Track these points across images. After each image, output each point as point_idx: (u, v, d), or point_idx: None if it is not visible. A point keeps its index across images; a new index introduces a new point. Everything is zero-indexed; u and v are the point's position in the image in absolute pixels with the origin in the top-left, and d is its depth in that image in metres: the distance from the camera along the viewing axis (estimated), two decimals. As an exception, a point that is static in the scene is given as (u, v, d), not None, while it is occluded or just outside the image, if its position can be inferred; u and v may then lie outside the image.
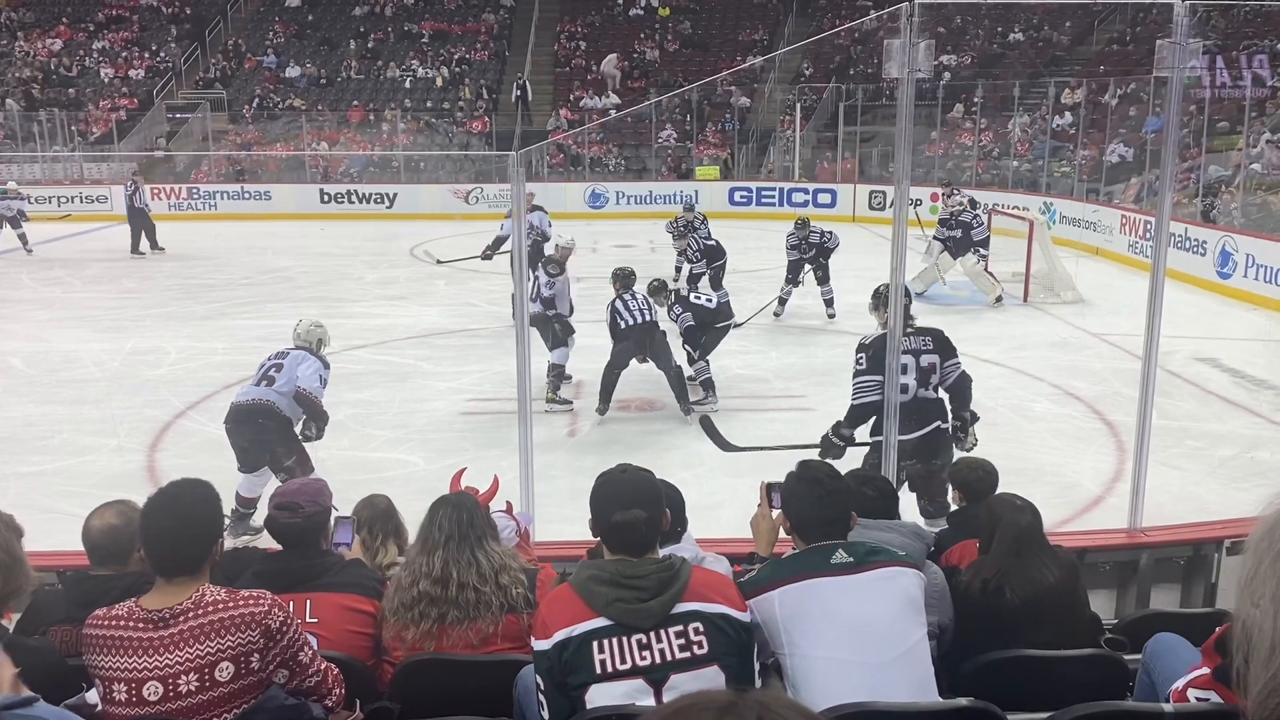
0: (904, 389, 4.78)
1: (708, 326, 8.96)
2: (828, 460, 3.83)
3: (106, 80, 27.23)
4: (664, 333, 8.58)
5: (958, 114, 23.47)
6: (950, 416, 5.15)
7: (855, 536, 2.57)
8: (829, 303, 12.09)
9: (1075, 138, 20.74)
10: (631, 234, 19.34)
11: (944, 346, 5.15)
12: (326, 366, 6.33)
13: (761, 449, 6.62)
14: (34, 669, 1.98)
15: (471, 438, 7.85)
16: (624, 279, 8.69)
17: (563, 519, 5.62)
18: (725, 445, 6.59)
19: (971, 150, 22.64)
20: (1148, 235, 15.61)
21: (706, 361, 8.80)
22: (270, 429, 6.06)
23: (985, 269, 12.95)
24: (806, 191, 22.98)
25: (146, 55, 28.14)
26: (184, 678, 2.11)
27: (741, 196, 23.30)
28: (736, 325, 9.52)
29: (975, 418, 5.28)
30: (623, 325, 8.39)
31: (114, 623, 2.17)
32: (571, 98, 26.64)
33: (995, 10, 26.50)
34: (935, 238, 13.24)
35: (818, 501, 2.52)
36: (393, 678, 2.66)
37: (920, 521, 4.59)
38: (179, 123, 26.39)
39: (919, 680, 2.35)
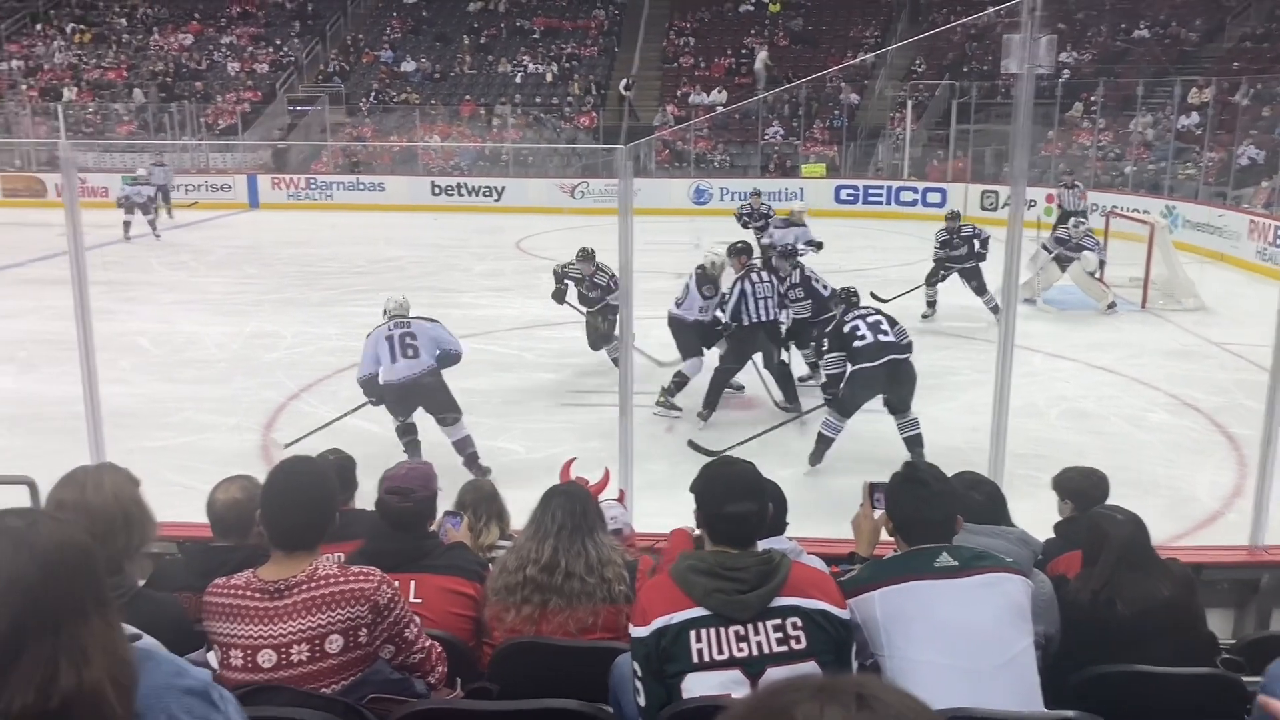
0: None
1: (808, 323, 8.70)
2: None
3: (233, 74, 28.34)
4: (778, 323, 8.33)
5: (1076, 113, 22.71)
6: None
7: (960, 541, 2.52)
8: (995, 310, 10.73)
9: (1202, 139, 19.87)
10: (736, 231, 19.24)
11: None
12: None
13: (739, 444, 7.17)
14: (159, 623, 2.08)
15: (572, 429, 7.94)
16: (745, 251, 8.38)
17: (661, 513, 5.65)
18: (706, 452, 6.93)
19: (1090, 150, 21.90)
20: (1278, 241, 14.86)
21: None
22: (436, 388, 6.96)
23: (1098, 276, 12.48)
24: (915, 190, 22.54)
25: (270, 50, 29.18)
26: (296, 647, 2.20)
27: (848, 195, 22.98)
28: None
29: None
30: (747, 320, 7.97)
31: (233, 591, 2.26)
32: (679, 94, 26.66)
33: (1120, 5, 25.54)
34: (1044, 247, 12.76)
35: (922, 503, 2.48)
36: (491, 658, 2.72)
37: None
38: (299, 115, 27.30)
39: (1023, 690, 2.29)
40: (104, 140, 25.43)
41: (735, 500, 2.29)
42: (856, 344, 6.97)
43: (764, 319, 8.09)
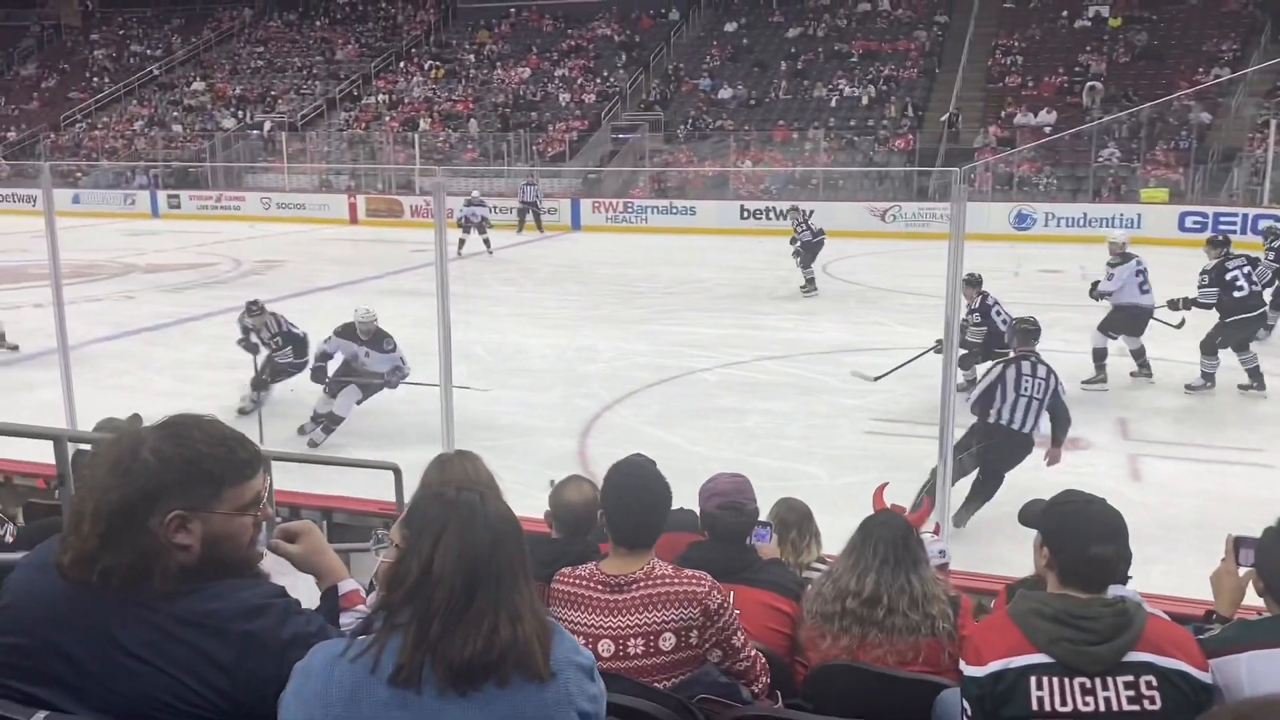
0: None
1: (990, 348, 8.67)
2: None
3: (563, 104, 30.34)
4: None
5: None
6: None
7: (1347, 609, 2.23)
8: None
9: None
10: (1060, 258, 18.10)
11: None
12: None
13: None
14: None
15: (877, 457, 7.78)
16: (1027, 334, 6.63)
17: (973, 556, 5.40)
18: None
19: None
20: None
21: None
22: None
23: None
24: (1276, 218, 20.13)
25: (598, 81, 30.96)
26: (632, 641, 2.32)
27: (1194, 222, 20.91)
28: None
29: None
30: (994, 419, 6.37)
31: (578, 582, 2.42)
32: (1003, 114, 25.49)
33: None
34: None
35: (1302, 563, 2.22)
36: (808, 676, 2.71)
37: None
38: (621, 143, 28.75)
39: None
40: (451, 166, 28.06)
41: (1100, 541, 2.15)
42: (1236, 294, 8.98)
43: (1017, 426, 6.27)
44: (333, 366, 8.62)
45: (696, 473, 3.33)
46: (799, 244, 14.95)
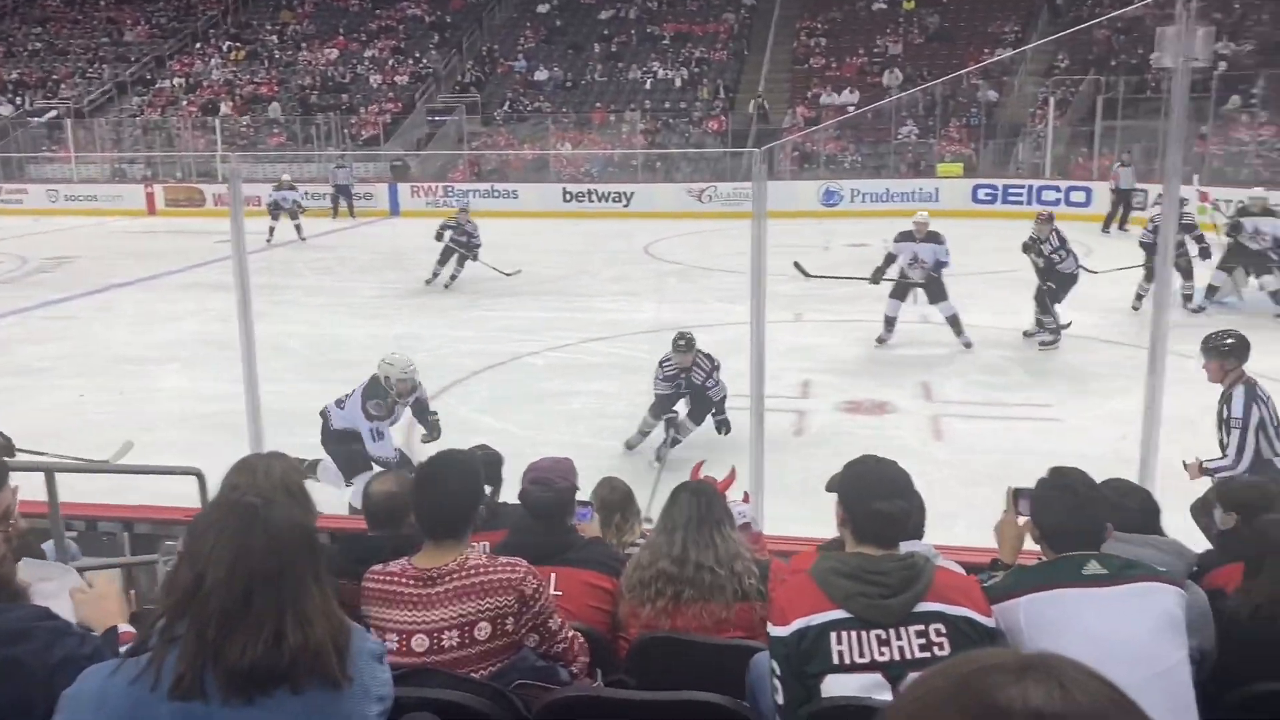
0: None
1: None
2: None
3: (375, 86, 29.47)
4: None
5: (1234, 106, 21.51)
6: None
7: (1110, 550, 2.45)
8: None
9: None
10: (866, 232, 18.96)
11: None
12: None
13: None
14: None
15: (701, 433, 7.97)
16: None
17: (791, 518, 5.63)
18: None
19: (1249, 146, 20.70)
20: None
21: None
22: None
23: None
24: (1058, 190, 21.73)
25: (410, 62, 30.21)
26: (447, 633, 2.30)
27: (986, 194, 22.32)
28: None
29: None
30: None
31: (389, 578, 2.38)
32: (809, 95, 26.42)
33: (1284, -9, 24.07)
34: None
35: (1071, 511, 2.41)
36: (629, 651, 2.77)
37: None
38: (437, 125, 28.18)
39: (1177, 704, 2.21)
40: (256, 152, 26.81)
41: (884, 498, 2.28)
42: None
43: None
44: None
45: (528, 457, 3.35)
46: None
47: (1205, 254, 11.81)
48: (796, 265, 10.39)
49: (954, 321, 10.34)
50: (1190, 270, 11.60)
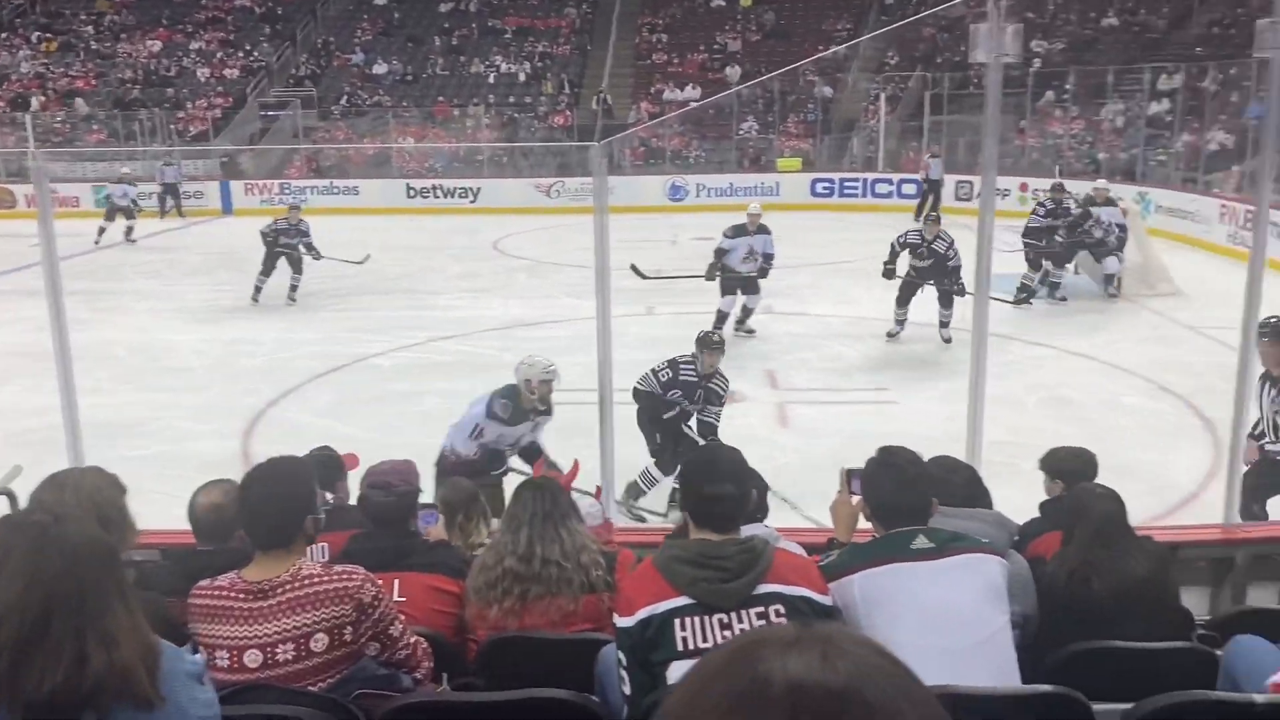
0: None
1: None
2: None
3: (203, 80, 28.13)
4: None
5: (1048, 102, 22.89)
6: None
7: (936, 524, 2.56)
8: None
9: (1172, 125, 20.09)
10: (711, 227, 19.28)
11: None
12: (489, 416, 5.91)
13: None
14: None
15: (554, 426, 7.94)
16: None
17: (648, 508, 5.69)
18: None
19: (1062, 139, 22.08)
20: (1249, 225, 15.01)
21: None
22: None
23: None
24: (891, 182, 22.66)
25: (240, 55, 28.97)
26: (281, 647, 2.21)
27: (824, 188, 23.06)
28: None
29: None
30: None
31: (217, 593, 2.27)
32: (653, 90, 26.68)
33: (1089, -7, 25.78)
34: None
35: (898, 488, 2.51)
36: (478, 653, 2.74)
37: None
38: (271, 120, 27.12)
39: (1000, 667, 2.33)
40: (73, 149, 25.21)
41: (716, 482, 2.32)
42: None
43: None
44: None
45: (374, 461, 3.25)
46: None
47: (1122, 242, 12.37)
48: (633, 268, 10.48)
49: (750, 313, 10.76)
50: (1063, 258, 12.20)
